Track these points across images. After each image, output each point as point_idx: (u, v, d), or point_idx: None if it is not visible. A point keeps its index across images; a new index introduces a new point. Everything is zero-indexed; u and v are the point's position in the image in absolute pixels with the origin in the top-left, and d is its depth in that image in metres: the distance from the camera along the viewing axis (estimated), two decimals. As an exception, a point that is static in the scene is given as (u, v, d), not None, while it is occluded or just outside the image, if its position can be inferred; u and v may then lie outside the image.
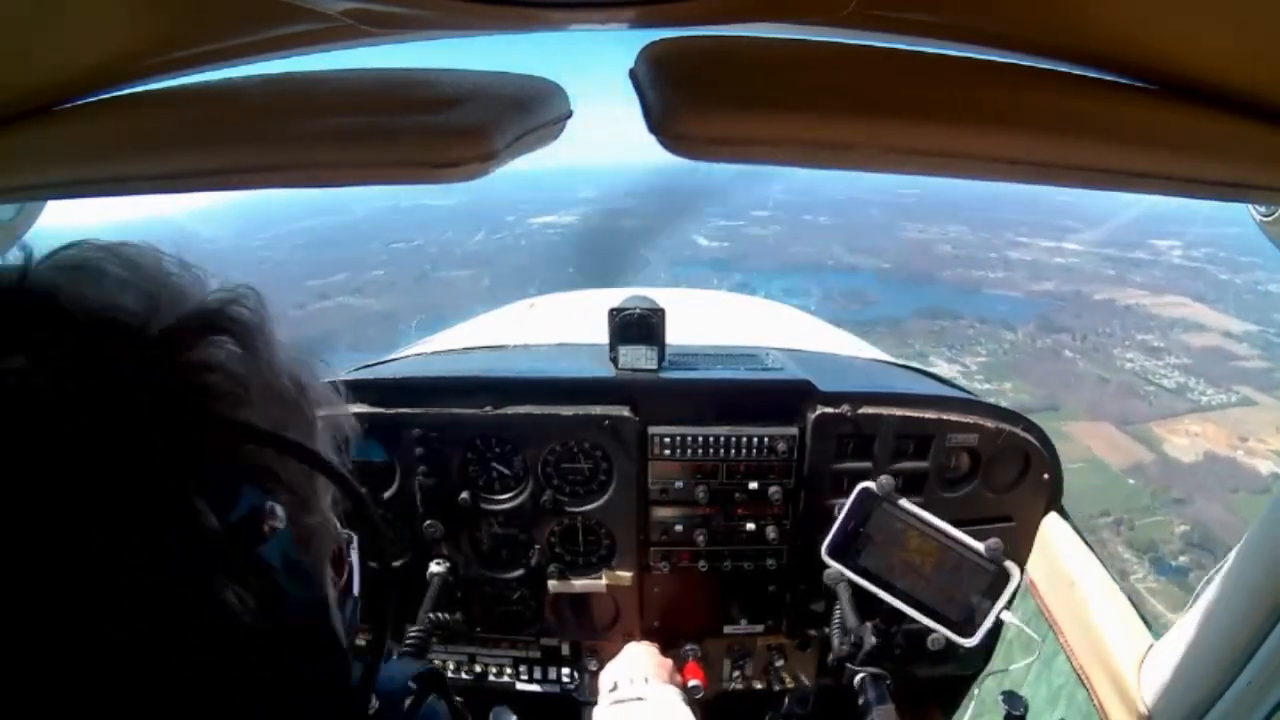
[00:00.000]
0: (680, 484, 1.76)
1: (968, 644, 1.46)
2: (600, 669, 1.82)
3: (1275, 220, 0.90)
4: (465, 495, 1.77)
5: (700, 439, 1.73)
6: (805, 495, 1.78)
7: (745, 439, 1.73)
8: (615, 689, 1.59)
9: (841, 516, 1.57)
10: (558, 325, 3.05)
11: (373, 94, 0.64)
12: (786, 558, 1.84)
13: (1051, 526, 1.80)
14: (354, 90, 0.65)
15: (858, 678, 1.70)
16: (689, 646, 1.91)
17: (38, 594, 0.38)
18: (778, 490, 1.75)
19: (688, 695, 1.69)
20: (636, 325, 1.75)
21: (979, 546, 1.45)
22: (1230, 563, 1.20)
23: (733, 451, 1.74)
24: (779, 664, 1.96)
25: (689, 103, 0.54)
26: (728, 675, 1.98)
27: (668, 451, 1.75)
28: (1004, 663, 1.80)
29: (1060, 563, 1.72)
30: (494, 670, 1.98)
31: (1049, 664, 1.65)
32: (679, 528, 1.81)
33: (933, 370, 2.50)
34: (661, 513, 1.81)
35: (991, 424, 1.75)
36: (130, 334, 0.45)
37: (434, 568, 1.83)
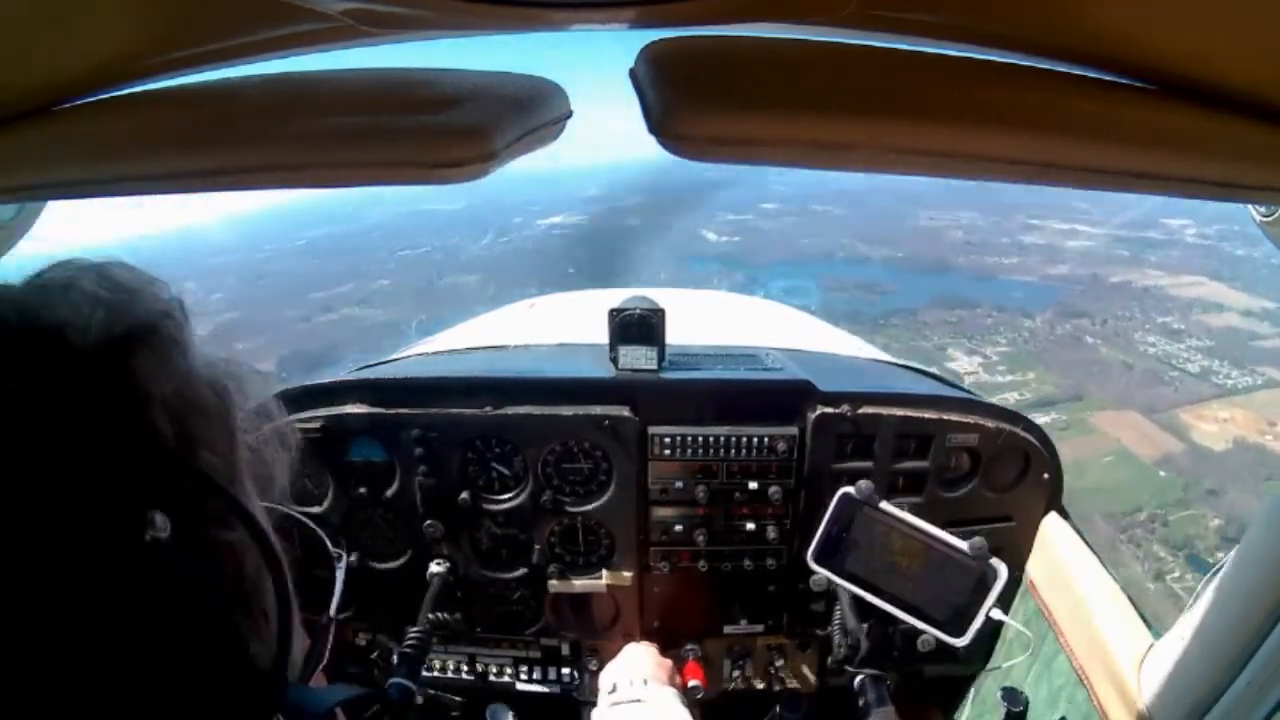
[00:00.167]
0: (680, 484, 1.76)
1: (958, 644, 1.45)
2: (600, 669, 1.82)
3: (1275, 220, 0.90)
4: (465, 495, 1.77)
5: (700, 439, 1.73)
6: (805, 495, 1.78)
7: (745, 439, 1.73)
8: (614, 690, 1.59)
9: (824, 522, 1.57)
10: (558, 325, 3.05)
11: (373, 94, 0.64)
12: (786, 558, 1.84)
13: (1051, 526, 1.80)
14: (354, 90, 0.65)
15: (858, 678, 1.70)
16: (689, 647, 1.91)
17: None
18: (778, 490, 1.75)
19: (687, 696, 1.70)
20: (636, 325, 1.75)
21: (963, 545, 1.44)
22: (1230, 563, 1.20)
23: (733, 451, 1.74)
24: (779, 664, 1.96)
25: (689, 103, 0.55)
26: (728, 675, 1.98)
27: (668, 451, 1.75)
28: (1004, 663, 1.80)
29: (1060, 563, 1.72)
30: (494, 670, 1.98)
31: (1049, 664, 1.65)
32: (679, 528, 1.81)
33: (933, 370, 2.50)
34: (661, 513, 1.81)
35: (991, 424, 1.75)
36: (63, 352, 0.48)
37: (434, 568, 1.83)
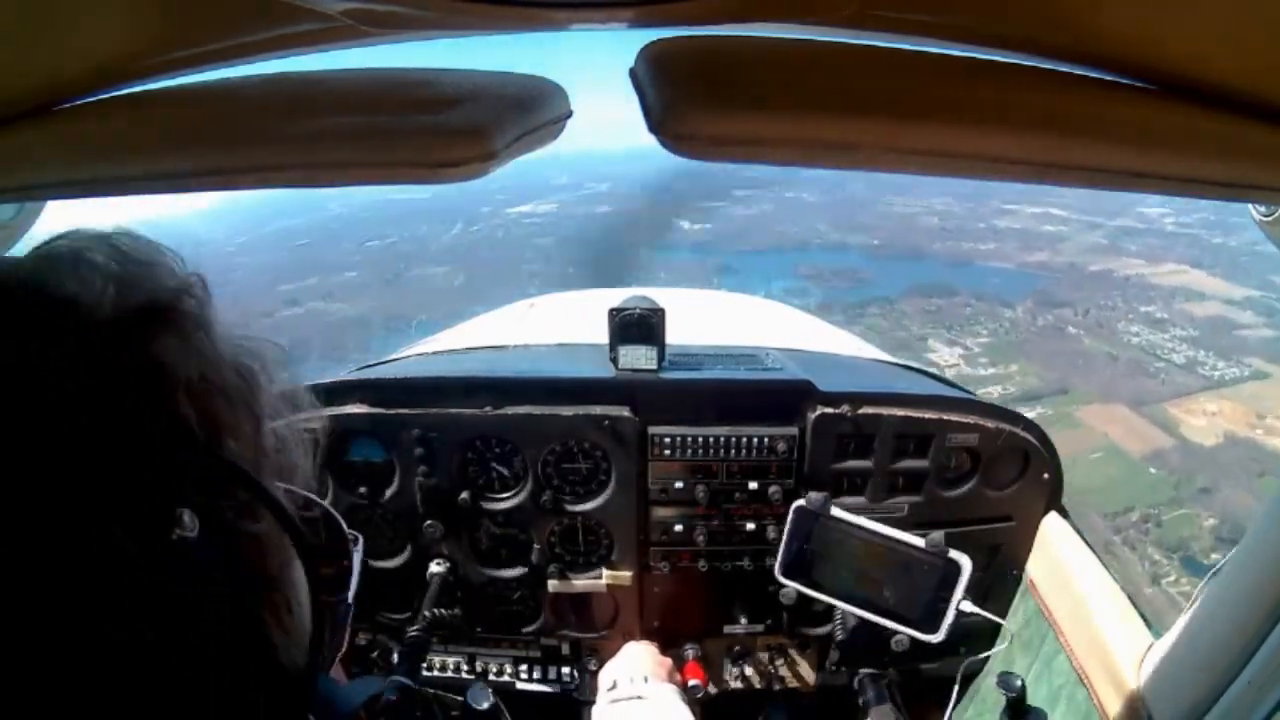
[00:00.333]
0: (680, 484, 1.76)
1: (934, 639, 1.46)
2: (600, 668, 1.82)
3: (1275, 220, 0.90)
4: (465, 495, 1.77)
5: (700, 439, 1.73)
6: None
7: (745, 439, 1.73)
8: (614, 688, 1.59)
9: (785, 537, 1.58)
10: (558, 325, 3.04)
11: (373, 94, 0.64)
12: None
13: (1051, 526, 1.80)
14: (354, 90, 0.65)
15: (857, 677, 1.71)
16: (689, 646, 1.91)
17: None
18: (777, 490, 1.75)
19: (687, 695, 1.70)
20: (636, 325, 1.75)
21: (919, 543, 1.45)
22: (1230, 563, 1.20)
23: (733, 451, 1.74)
24: (779, 664, 1.96)
25: (689, 103, 0.54)
26: (728, 675, 1.98)
27: (667, 451, 1.75)
28: (1003, 662, 1.80)
29: (1060, 562, 1.72)
30: (494, 670, 1.98)
31: (1049, 663, 1.65)
32: (679, 527, 1.81)
33: (933, 370, 2.50)
34: (661, 512, 1.81)
35: (992, 424, 1.75)
36: (76, 325, 0.45)
37: (434, 567, 1.83)
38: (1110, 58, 0.60)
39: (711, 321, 3.19)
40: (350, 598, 0.71)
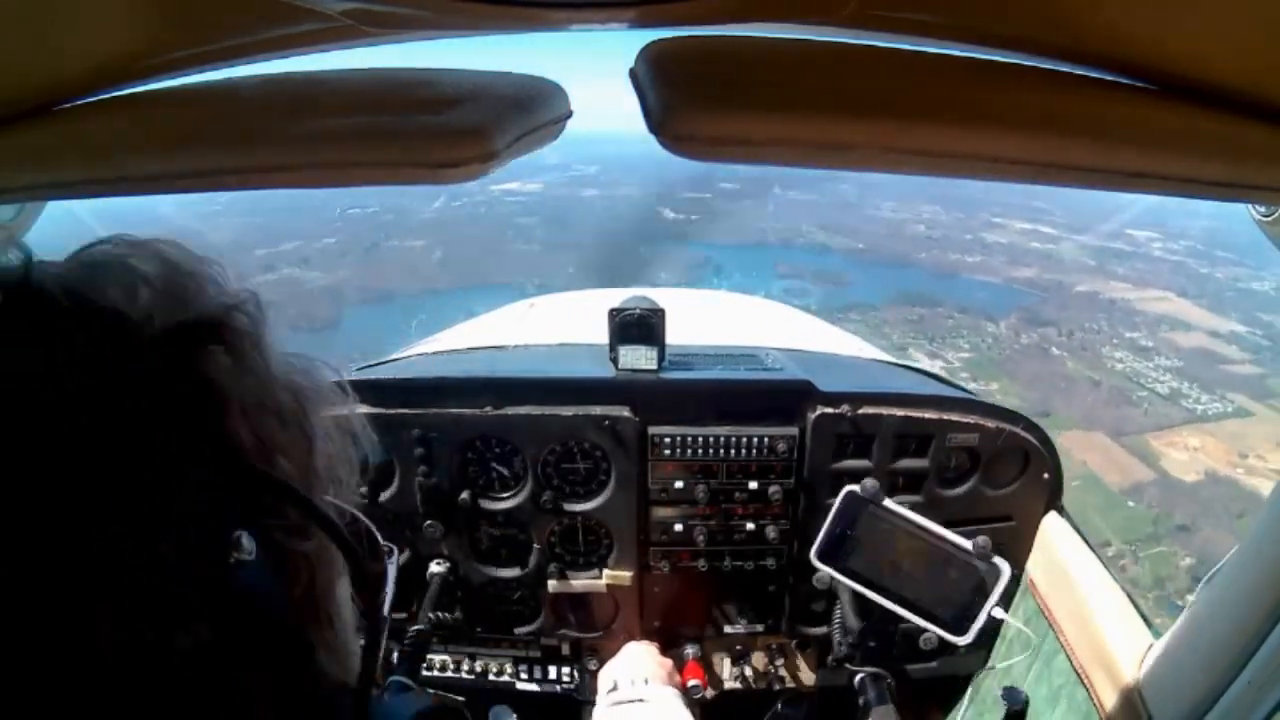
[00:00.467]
0: (680, 484, 1.76)
1: (961, 642, 1.46)
2: (600, 669, 1.82)
3: (1275, 220, 0.90)
4: (465, 495, 1.77)
5: (700, 439, 1.73)
6: (805, 495, 1.78)
7: (745, 439, 1.73)
8: (615, 689, 1.59)
9: (829, 521, 1.57)
10: (558, 325, 3.04)
11: (373, 94, 0.64)
12: (786, 558, 1.84)
13: (1051, 526, 1.80)
14: (354, 90, 0.65)
15: (858, 677, 1.70)
16: (689, 646, 1.91)
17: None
18: (778, 490, 1.75)
19: (687, 696, 1.70)
20: (636, 325, 1.75)
21: (967, 545, 1.45)
22: (1230, 563, 1.20)
23: (733, 451, 1.74)
24: (779, 664, 1.96)
25: (689, 103, 0.54)
26: (728, 675, 1.98)
27: (667, 451, 1.75)
28: (1003, 662, 1.80)
29: (1060, 562, 1.72)
30: (494, 670, 1.98)
31: (1049, 663, 1.65)
32: (679, 527, 1.81)
33: (933, 370, 2.50)
34: (661, 512, 1.81)
35: (992, 424, 1.75)
36: (126, 338, 0.43)
37: (434, 567, 1.83)
38: (1110, 58, 0.60)
39: (711, 322, 3.19)
40: (386, 610, 0.70)
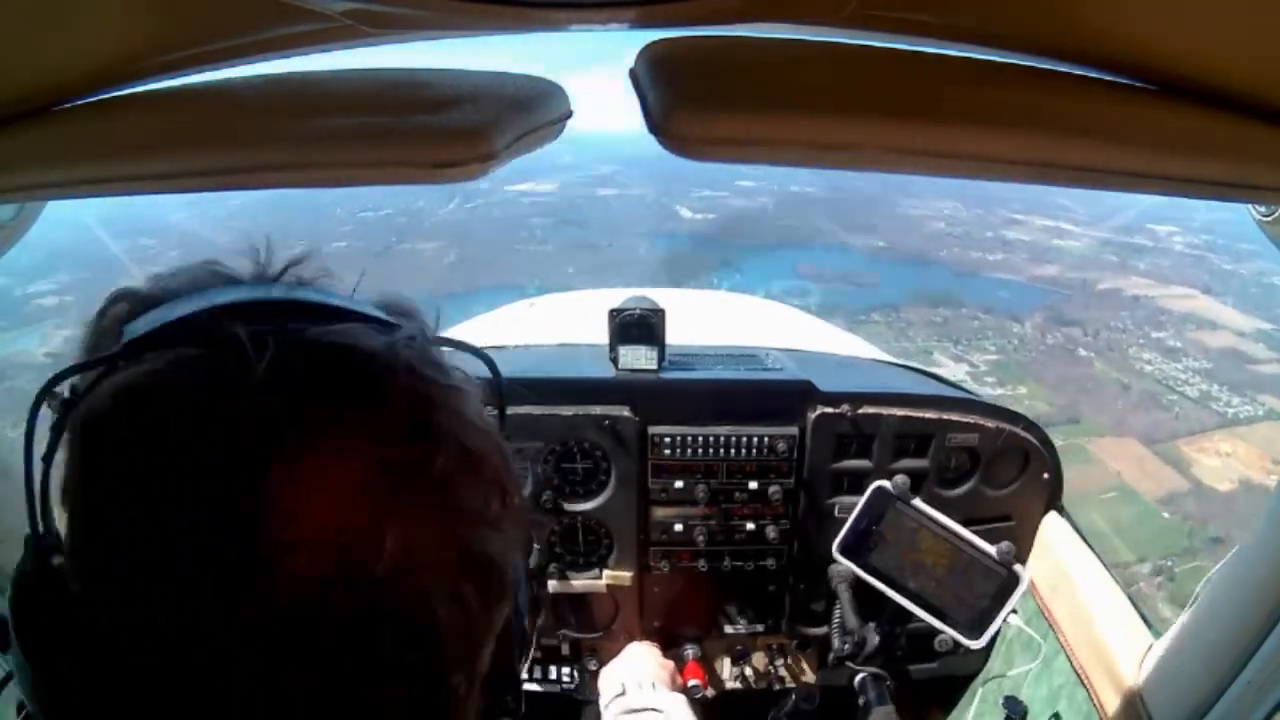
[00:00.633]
0: (680, 484, 1.76)
1: (975, 646, 1.47)
2: (600, 669, 1.82)
3: (1275, 220, 0.90)
4: None
5: (700, 439, 1.73)
6: (805, 495, 1.78)
7: (745, 439, 1.73)
8: (624, 694, 1.58)
9: (854, 515, 1.58)
10: (558, 325, 3.04)
11: (372, 94, 0.64)
12: (786, 558, 1.84)
13: (1051, 526, 1.80)
14: (354, 90, 0.64)
15: (858, 678, 1.70)
16: (689, 646, 1.91)
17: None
18: (778, 490, 1.75)
19: (687, 696, 1.69)
20: (636, 325, 1.75)
21: (991, 550, 1.46)
22: (1230, 562, 1.20)
23: (733, 451, 1.74)
24: (779, 664, 1.96)
25: (689, 103, 0.54)
26: (728, 675, 1.98)
27: (668, 451, 1.75)
28: (1004, 662, 1.80)
29: (1060, 563, 1.72)
30: None
31: (1049, 664, 1.65)
32: (679, 527, 1.81)
33: (933, 370, 2.50)
34: (661, 512, 1.80)
35: (992, 424, 1.75)
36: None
37: None
38: (1110, 58, 0.60)
39: (711, 321, 3.19)
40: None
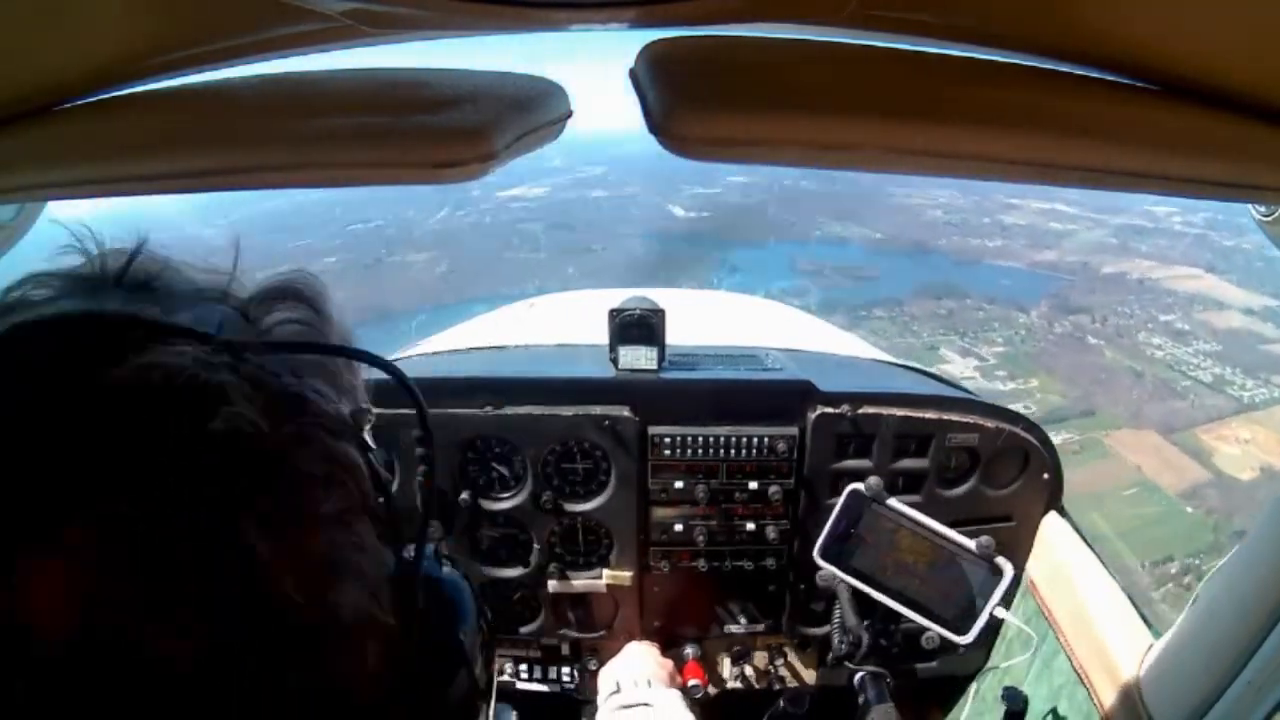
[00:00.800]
0: (680, 484, 1.76)
1: (963, 642, 1.46)
2: (600, 669, 1.82)
3: (1275, 220, 0.90)
4: (465, 495, 1.77)
5: (700, 439, 1.73)
6: (805, 495, 1.78)
7: (745, 439, 1.73)
8: (618, 691, 1.59)
9: (831, 519, 1.58)
10: (558, 325, 3.04)
11: (372, 94, 0.64)
12: (786, 558, 1.84)
13: (1051, 526, 1.80)
14: (354, 90, 0.64)
15: (857, 677, 1.70)
16: (689, 646, 1.91)
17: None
18: (778, 490, 1.75)
19: (687, 695, 1.70)
20: (636, 326, 1.75)
21: (970, 544, 1.45)
22: (1230, 562, 1.20)
23: (733, 451, 1.74)
24: (779, 664, 1.96)
25: (689, 103, 0.54)
26: (728, 675, 1.98)
27: (668, 451, 1.75)
28: (1004, 662, 1.80)
29: (1060, 562, 1.72)
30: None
31: (1049, 663, 1.65)
32: (679, 527, 1.81)
33: (933, 370, 2.50)
34: (661, 512, 1.81)
35: (991, 424, 1.75)
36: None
37: None
38: (1110, 58, 0.60)
39: (711, 321, 3.19)
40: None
